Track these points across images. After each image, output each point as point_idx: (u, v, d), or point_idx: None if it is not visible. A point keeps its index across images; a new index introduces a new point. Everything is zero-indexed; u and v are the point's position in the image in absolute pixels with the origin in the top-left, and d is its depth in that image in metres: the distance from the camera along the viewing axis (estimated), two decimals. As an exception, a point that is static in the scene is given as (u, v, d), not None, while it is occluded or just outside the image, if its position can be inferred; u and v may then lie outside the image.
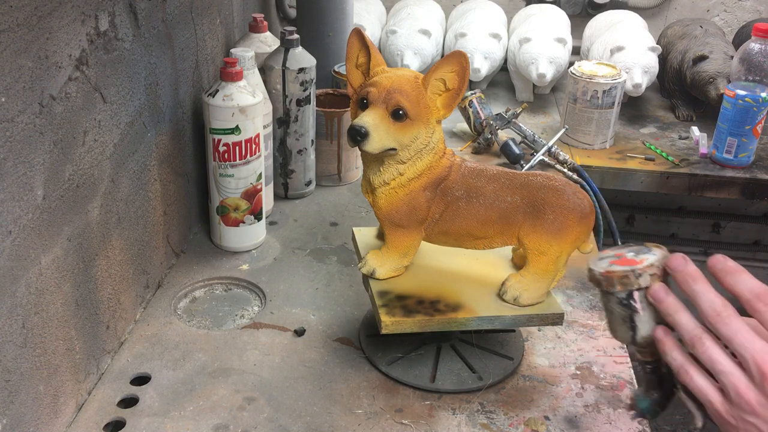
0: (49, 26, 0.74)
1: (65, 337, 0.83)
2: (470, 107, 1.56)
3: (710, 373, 0.61)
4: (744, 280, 0.60)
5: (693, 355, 0.62)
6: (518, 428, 0.87)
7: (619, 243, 1.47)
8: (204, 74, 1.23)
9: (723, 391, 0.60)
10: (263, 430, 0.86)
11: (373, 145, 0.83)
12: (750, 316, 0.60)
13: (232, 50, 1.18)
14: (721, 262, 0.61)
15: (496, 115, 1.54)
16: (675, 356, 0.63)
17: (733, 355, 0.60)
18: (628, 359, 0.99)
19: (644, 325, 0.65)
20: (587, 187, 1.43)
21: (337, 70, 1.48)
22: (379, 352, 0.96)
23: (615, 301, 0.65)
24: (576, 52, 1.94)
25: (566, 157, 1.47)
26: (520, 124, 1.53)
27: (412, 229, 0.90)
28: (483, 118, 1.54)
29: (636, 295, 0.64)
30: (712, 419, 0.63)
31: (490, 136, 1.53)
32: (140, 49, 0.97)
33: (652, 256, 0.65)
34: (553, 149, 1.48)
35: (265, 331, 1.02)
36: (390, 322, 0.87)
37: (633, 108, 1.82)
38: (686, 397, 0.64)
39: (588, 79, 1.54)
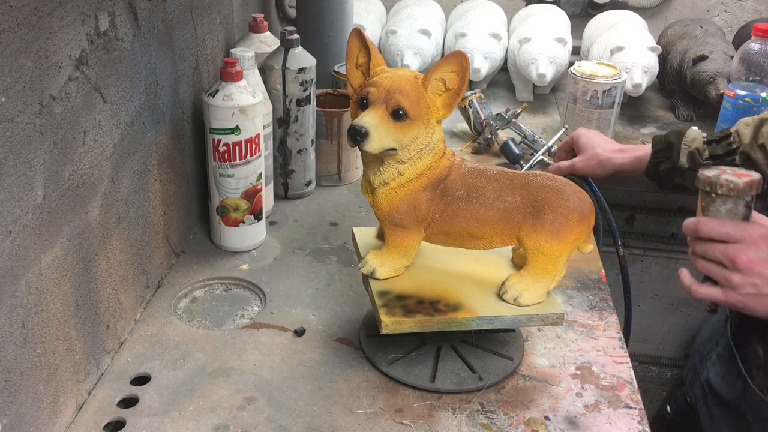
0: (49, 26, 0.74)
1: (65, 337, 0.83)
2: (470, 107, 1.56)
3: None
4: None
5: None
6: (518, 428, 0.87)
7: (620, 243, 1.47)
8: (204, 74, 1.23)
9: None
10: (263, 430, 0.86)
11: (373, 145, 0.83)
12: None
13: (232, 50, 1.18)
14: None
15: (496, 115, 1.54)
16: None
17: None
18: (628, 359, 0.99)
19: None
20: (587, 187, 1.43)
21: (337, 70, 1.48)
22: (379, 352, 0.96)
23: (742, 204, 0.80)
24: (576, 52, 1.94)
25: None
26: (520, 124, 1.53)
27: (412, 229, 0.90)
28: (483, 118, 1.54)
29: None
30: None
31: (490, 136, 1.54)
32: (140, 49, 0.97)
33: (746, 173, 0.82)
34: (553, 149, 1.48)
35: (265, 331, 1.02)
36: (390, 322, 0.87)
37: (633, 108, 1.82)
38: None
39: (588, 79, 1.54)
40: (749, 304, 0.81)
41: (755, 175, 0.80)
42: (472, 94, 1.56)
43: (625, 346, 1.02)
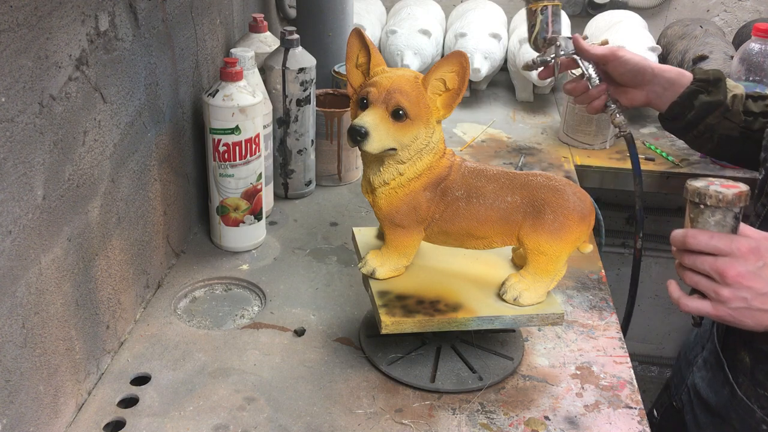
0: (49, 26, 0.74)
1: (65, 337, 0.83)
2: (542, 14, 1.21)
3: None
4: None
5: None
6: (518, 428, 0.87)
7: (641, 235, 1.46)
8: (204, 74, 1.23)
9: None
10: (263, 430, 0.86)
11: (373, 145, 0.83)
12: None
13: (232, 50, 1.18)
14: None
15: (567, 37, 1.22)
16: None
17: None
18: (628, 359, 0.99)
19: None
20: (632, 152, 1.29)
21: (337, 70, 1.48)
22: (379, 352, 0.96)
23: (731, 216, 0.79)
24: (576, 52, 1.94)
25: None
26: (584, 62, 1.22)
27: (412, 229, 0.90)
28: (551, 33, 1.22)
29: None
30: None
31: (551, 58, 1.22)
32: (140, 49, 0.97)
33: (734, 184, 0.81)
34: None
35: (265, 331, 1.02)
36: (390, 322, 0.87)
37: (633, 108, 1.82)
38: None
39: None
40: (739, 317, 0.80)
41: (743, 187, 0.79)
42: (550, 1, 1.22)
43: (625, 346, 1.02)
